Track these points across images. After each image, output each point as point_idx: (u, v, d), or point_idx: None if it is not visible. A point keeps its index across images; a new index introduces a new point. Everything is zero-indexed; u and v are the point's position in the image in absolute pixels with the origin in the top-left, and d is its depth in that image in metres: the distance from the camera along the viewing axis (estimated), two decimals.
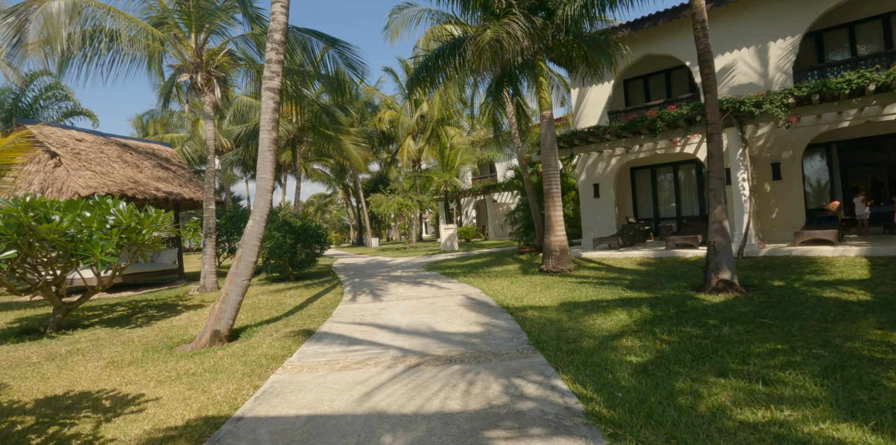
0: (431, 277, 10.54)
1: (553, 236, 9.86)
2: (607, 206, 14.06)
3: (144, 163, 11.78)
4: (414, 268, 13.01)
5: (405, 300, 7.54)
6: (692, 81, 14.11)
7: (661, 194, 15.02)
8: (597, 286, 7.65)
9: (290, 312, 7.18)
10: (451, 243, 19.39)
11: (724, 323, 4.86)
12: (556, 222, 9.89)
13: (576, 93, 14.90)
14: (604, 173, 14.14)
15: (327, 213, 54.08)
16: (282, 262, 11.16)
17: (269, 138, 5.98)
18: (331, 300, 8.13)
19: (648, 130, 10.85)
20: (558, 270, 9.61)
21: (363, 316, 6.39)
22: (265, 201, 5.89)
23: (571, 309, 5.99)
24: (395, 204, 21.26)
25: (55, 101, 17.98)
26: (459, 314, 6.12)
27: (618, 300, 6.39)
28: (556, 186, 9.95)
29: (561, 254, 9.74)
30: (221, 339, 5.35)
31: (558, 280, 8.66)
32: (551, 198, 9.91)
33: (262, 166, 5.94)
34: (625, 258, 10.92)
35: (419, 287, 8.95)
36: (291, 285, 10.69)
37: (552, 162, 9.95)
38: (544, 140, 9.99)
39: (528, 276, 9.54)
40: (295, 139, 16.45)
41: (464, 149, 25.86)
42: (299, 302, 8.11)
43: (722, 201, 6.73)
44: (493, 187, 26.61)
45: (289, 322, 6.32)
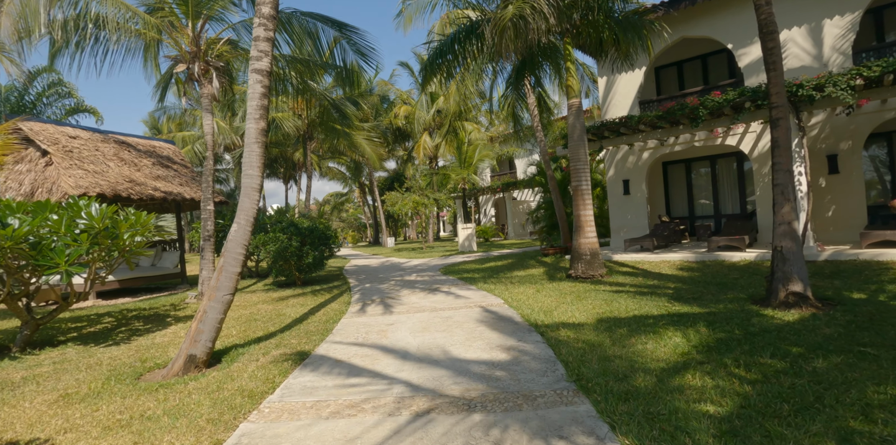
0: (448, 282, 9.64)
1: (582, 237, 8.86)
2: (638, 204, 12.97)
3: (143, 161, 11.13)
4: (429, 271, 12.13)
5: (418, 312, 6.65)
6: (732, 67, 12.91)
7: (696, 191, 13.85)
8: (636, 297, 6.65)
9: (287, 327, 6.35)
10: (469, 243, 18.47)
11: (812, 352, 3.85)
12: (586, 222, 8.89)
13: (603, 82, 13.81)
14: (634, 168, 13.04)
15: (344, 212, 53.63)
16: (287, 265, 10.38)
17: (257, 128, 5.13)
18: (335, 311, 7.29)
19: (689, 120, 9.75)
20: (589, 276, 8.62)
21: (367, 334, 5.52)
22: (251, 202, 5.04)
23: (612, 328, 5.02)
24: (410, 203, 20.40)
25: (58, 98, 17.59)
26: (479, 333, 5.20)
27: (666, 317, 5.40)
28: (586, 181, 8.95)
29: (591, 258, 8.74)
30: (198, 365, 4.53)
31: (590, 288, 7.68)
32: (580, 195, 8.91)
33: (249, 161, 5.10)
34: (662, 262, 9.86)
35: (434, 296, 8.06)
36: (297, 291, 9.90)
37: (581, 155, 8.94)
38: (572, 131, 8.99)
39: (554, 283, 8.57)
40: (305, 135, 15.72)
41: (482, 145, 24.86)
42: (301, 313, 7.28)
43: (791, 199, 5.67)
44: (512, 184, 25.57)
45: (282, 341, 5.48)
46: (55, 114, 18.08)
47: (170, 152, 12.50)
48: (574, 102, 9.02)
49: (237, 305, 8.38)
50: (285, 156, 30.72)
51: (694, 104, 9.38)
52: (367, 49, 9.61)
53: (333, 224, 51.13)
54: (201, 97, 9.53)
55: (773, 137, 5.81)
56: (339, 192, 48.85)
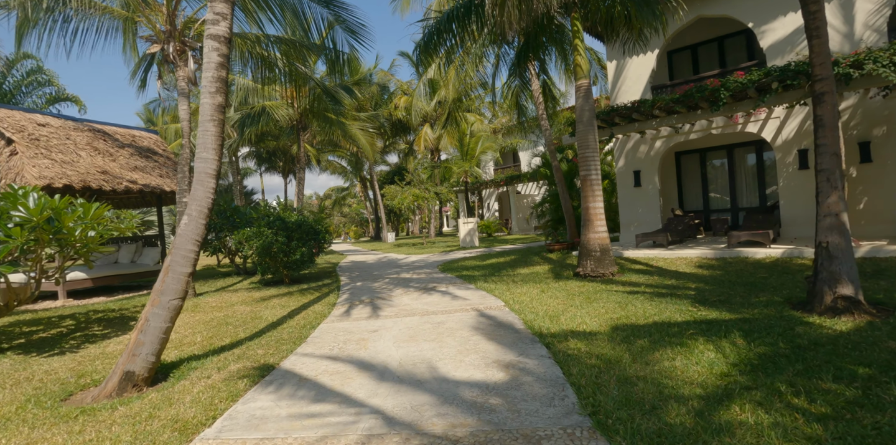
0: (445, 281, 8.89)
1: (592, 232, 8.08)
2: (650, 196, 12.15)
3: (120, 151, 10.41)
4: (427, 268, 11.38)
5: (407, 316, 5.90)
6: (752, 50, 12.03)
7: (712, 183, 13.01)
8: (654, 299, 5.88)
9: (259, 333, 5.63)
10: (470, 238, 17.70)
11: (885, 374, 3.08)
12: (596, 216, 8.11)
13: (612, 67, 12.96)
14: (646, 158, 12.21)
15: (347, 206, 52.88)
16: (273, 262, 9.65)
17: (213, 104, 4.38)
18: (317, 314, 6.55)
19: (708, 103, 8.92)
20: (599, 274, 7.84)
21: (345, 344, 4.78)
22: (206, 190, 4.29)
23: (631, 338, 4.26)
24: (409, 196, 19.64)
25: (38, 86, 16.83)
26: (474, 343, 4.45)
27: (692, 324, 4.63)
28: (596, 171, 8.15)
29: (602, 255, 7.96)
30: (137, 383, 3.81)
31: (601, 288, 6.91)
32: (589, 186, 8.12)
33: (203, 142, 4.34)
34: (677, 259, 9.06)
35: (428, 296, 7.31)
36: (283, 290, 9.18)
37: (590, 142, 8.14)
38: (581, 115, 8.18)
39: (561, 282, 7.80)
40: (298, 126, 14.97)
41: (484, 136, 24.03)
42: (279, 316, 6.56)
43: (839, 187, 4.87)
44: (516, 177, 24.73)
45: (247, 352, 4.75)
46: (35, 103, 17.39)
47: (151, 143, 11.77)
48: (583, 84, 8.21)
49: (213, 306, 7.67)
50: (283, 149, 30.00)
51: (715, 86, 8.55)
52: (357, 26, 8.81)
53: (335, 219, 50.46)
54: (177, 80, 8.77)
55: (818, 115, 5.00)
56: (340, 186, 48.12)
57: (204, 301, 8.14)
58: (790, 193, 10.21)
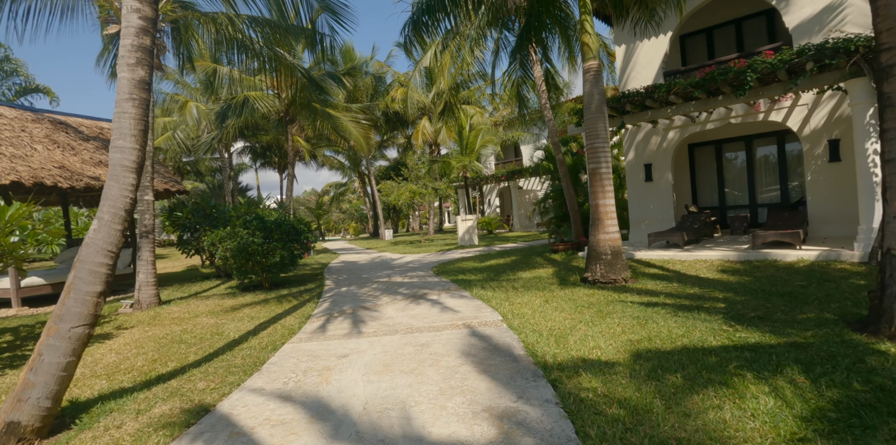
0: (438, 286, 8.02)
1: (601, 232, 7.18)
2: (663, 191, 11.22)
3: (84, 145, 9.53)
4: (421, 271, 10.51)
5: (388, 334, 5.03)
6: (773, 31, 11.08)
7: (728, 177, 12.07)
8: (678, 314, 4.99)
9: (211, 355, 4.76)
10: (469, 236, 16.81)
11: None
12: (606, 215, 7.20)
13: (621, 52, 12.00)
14: (658, 151, 11.27)
15: (347, 202, 52.00)
16: (250, 265, 8.79)
17: (132, 79, 3.50)
18: (286, 329, 5.69)
19: (732, 87, 7.98)
20: (610, 280, 6.95)
21: (306, 374, 3.90)
22: (122, 188, 3.41)
23: (659, 372, 3.38)
24: (406, 192, 18.75)
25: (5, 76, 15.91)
26: (461, 378, 3.57)
27: (732, 350, 3.75)
28: (606, 163, 7.24)
29: (613, 258, 7.06)
30: (25, 437, 2.95)
31: (614, 298, 6.02)
32: (599, 180, 7.22)
33: (120, 127, 3.47)
34: (696, 261, 8.16)
35: (416, 306, 6.44)
36: (259, 297, 8.33)
37: (600, 131, 7.22)
38: (589, 101, 7.26)
39: (567, 289, 6.91)
40: (286, 118, 14.06)
41: (485, 130, 23.07)
42: (243, 332, 5.69)
43: None
44: (518, 172, 23.78)
45: (185, 384, 3.89)
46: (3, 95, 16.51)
47: None
48: (591, 66, 7.28)
49: (174, 318, 6.81)
50: (278, 144, 29.09)
51: (740, 67, 7.60)
52: (338, 6, 7.88)
53: (334, 216, 49.61)
54: None
55: (884, 93, 4.07)
56: (338, 182, 47.24)
57: (167, 311, 7.28)
58: (819, 188, 9.29)
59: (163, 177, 10.06)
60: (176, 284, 10.86)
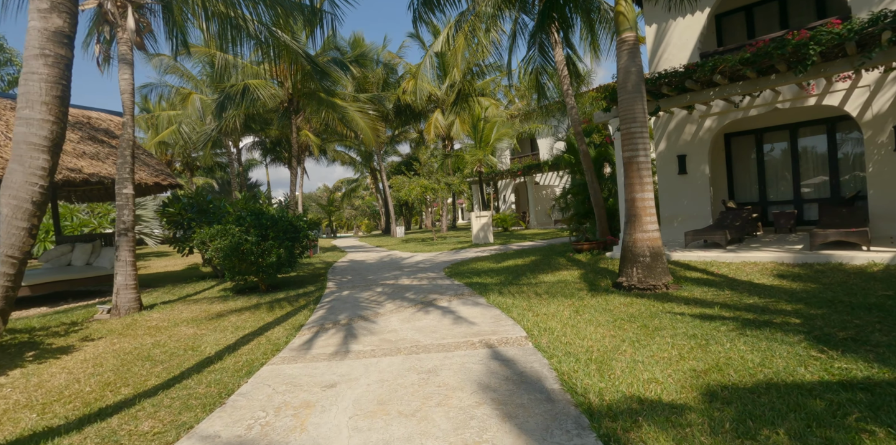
0: (450, 290, 7.14)
1: (639, 231, 6.22)
2: (699, 185, 10.17)
3: (68, 135, 8.81)
4: (432, 272, 9.64)
5: (387, 355, 4.15)
6: (823, 7, 9.93)
7: (770, 169, 10.98)
8: (745, 331, 4.04)
9: (173, 380, 3.94)
10: (484, 234, 15.89)
11: None
12: (645, 210, 6.24)
13: (652, 31, 10.95)
14: (694, 140, 10.22)
15: (359, 198, 51.33)
16: (244, 266, 7.99)
17: (43, 29, 2.66)
18: (271, 344, 4.85)
19: (789, 64, 6.93)
20: (648, 286, 6.00)
21: (278, 414, 3.04)
22: (28, 173, 2.58)
23: (749, 424, 2.46)
24: (417, 188, 17.87)
25: None
26: (479, 427, 2.67)
27: (837, 388, 2.82)
28: (645, 151, 6.27)
29: (653, 261, 6.10)
30: None
31: (658, 309, 5.08)
32: (636, 171, 6.25)
33: (27, 93, 2.64)
34: (744, 264, 7.16)
35: (425, 316, 5.56)
36: (252, 301, 7.52)
37: (638, 113, 6.25)
38: (625, 79, 6.29)
39: (599, 296, 5.97)
40: (290, 108, 13.25)
41: (500, 122, 22.07)
42: (221, 347, 4.87)
43: None
44: (535, 166, 22.73)
45: (123, 426, 3.05)
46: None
47: (112, 126, 10.20)
48: (628, 37, 6.30)
49: (151, 326, 6.02)
50: (288, 138, 28.42)
51: (801, 39, 6.55)
52: None
53: (345, 212, 49.01)
54: (117, 43, 7.09)
55: None
56: (350, 178, 46.57)
57: (145, 319, 6.50)
58: (882, 181, 8.19)
59: (153, 169, 9.32)
60: (170, 284, 10.13)
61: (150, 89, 22.56)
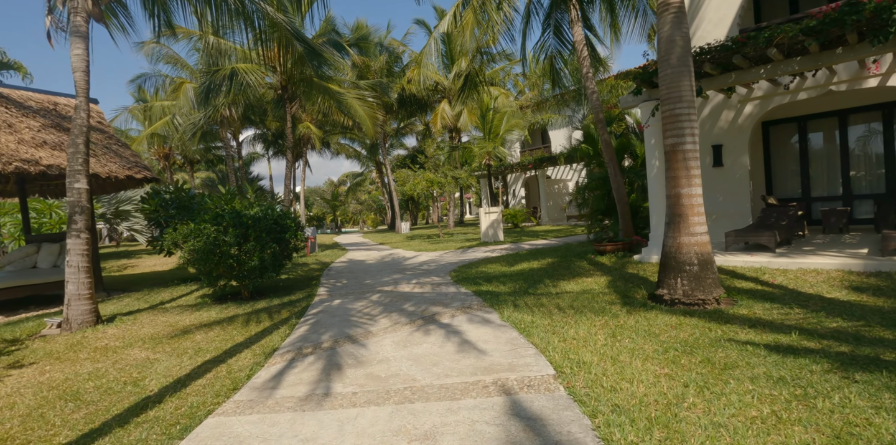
0: (456, 301, 6.12)
1: (685, 233, 5.15)
2: (737, 179, 9.05)
3: (27, 122, 7.85)
4: (436, 275, 8.63)
5: (372, 402, 3.15)
6: None
7: (815, 161, 9.83)
8: (850, 373, 3.01)
9: (85, 438, 2.96)
10: (493, 231, 14.83)
11: None
12: (692, 208, 5.17)
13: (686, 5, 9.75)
14: (731, 129, 9.09)
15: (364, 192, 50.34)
16: (222, 270, 7.03)
17: None
18: (230, 378, 3.87)
19: (862, 34, 5.79)
20: (696, 301, 4.94)
21: None
22: None
23: None
24: (422, 181, 16.83)
25: None
26: None
27: None
28: (692, 137, 5.19)
29: (702, 270, 5.04)
30: None
31: (717, 334, 4.03)
32: (682, 161, 5.17)
33: None
34: (803, 272, 6.07)
35: (424, 338, 4.55)
36: (229, 311, 6.56)
37: (684, 92, 5.16)
38: (668, 50, 5.20)
39: (637, 313, 4.93)
40: (284, 96, 12.23)
41: (510, 112, 20.92)
42: (170, 380, 3.90)
43: None
44: (547, 159, 21.57)
45: None
46: None
47: None
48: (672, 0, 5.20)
49: (98, 347, 5.06)
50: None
51: (881, 2, 5.41)
52: None
53: (350, 207, 48.06)
54: (70, 13, 6.09)
55: None
56: (355, 172, 45.58)
57: (97, 336, 5.55)
58: None
59: (126, 161, 8.36)
60: (148, 287, 9.21)
61: (143, 79, 21.63)
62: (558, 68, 12.46)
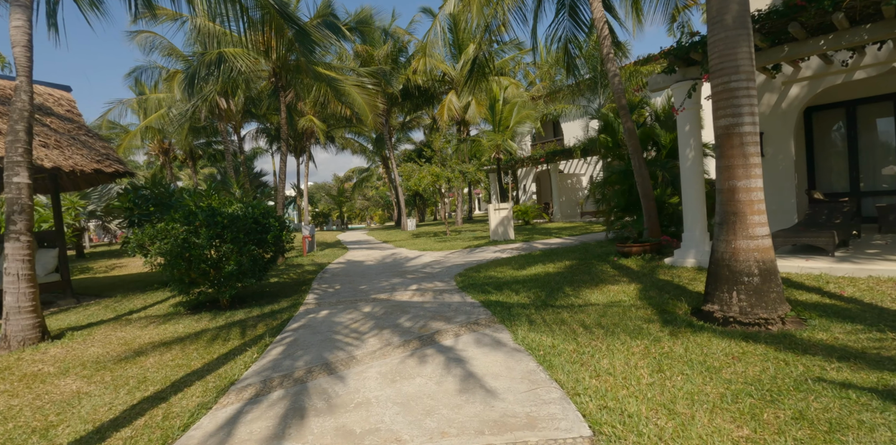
0: (461, 314, 5.21)
1: (742, 236, 4.18)
2: (780, 172, 8.01)
3: None
4: (439, 280, 7.72)
5: None
6: None
7: (866, 152, 8.75)
8: None
9: None
10: (503, 229, 13.87)
11: None
12: (751, 205, 4.19)
13: None
14: (774, 114, 8.04)
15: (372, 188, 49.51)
16: (195, 276, 6.17)
17: None
18: (160, 432, 2.97)
19: None
20: (758, 320, 3.98)
21: None
22: None
23: None
24: (428, 176, 15.89)
25: None
26: None
27: None
28: (752, 118, 4.20)
29: (763, 281, 4.07)
30: None
31: (800, 370, 3.08)
32: (739, 147, 4.19)
33: None
34: (875, 281, 5.06)
35: (417, 371, 3.64)
36: (200, 325, 5.69)
37: (742, 60, 4.17)
38: (722, 8, 4.20)
39: (683, 335, 3.97)
40: (278, 83, 11.33)
41: (521, 103, 19.88)
42: (87, 428, 3.03)
43: None
44: (559, 152, 20.51)
45: None
46: None
47: (52, 102, 8.43)
48: None
49: (29, 373, 4.20)
50: (293, 124, 26.62)
51: None
52: None
53: (357, 203, 47.25)
54: None
55: None
56: (361, 167, 44.72)
57: (35, 357, 4.69)
58: None
59: (95, 153, 7.51)
60: (123, 292, 8.40)
61: (139, 72, 20.84)
62: (573, 54, 11.47)
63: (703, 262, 6.70)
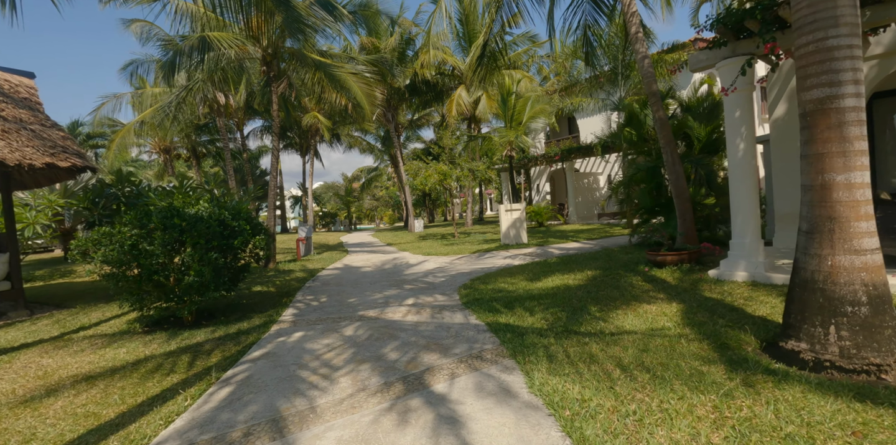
0: (461, 343, 4.16)
1: (842, 250, 3.07)
2: None
3: None
4: (440, 292, 6.68)
5: None
6: None
7: None
8: None
9: None
10: (516, 232, 12.76)
11: None
12: (853, 207, 3.08)
13: None
14: None
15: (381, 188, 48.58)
16: (149, 288, 5.20)
17: None
18: None
19: None
20: (868, 367, 2.87)
21: None
22: None
23: None
24: (434, 174, 14.86)
25: None
26: None
27: None
28: (856, 87, 3.09)
29: (873, 312, 2.96)
30: None
31: None
32: (836, 129, 3.09)
33: None
34: None
35: (397, 434, 2.59)
36: (149, 349, 4.71)
37: (843, 12, 3.07)
38: None
39: (763, 386, 2.87)
40: (270, 74, 10.34)
41: (535, 98, 18.73)
42: None
43: None
44: (576, 149, 19.31)
45: None
46: None
47: (8, 88, 7.54)
48: None
49: None
50: (297, 121, 25.77)
51: None
52: None
53: (365, 203, 46.37)
54: None
55: None
56: (370, 166, 43.81)
57: None
58: None
59: (50, 144, 6.58)
60: (84, 303, 7.48)
61: (136, 66, 20.08)
62: (593, 43, 10.35)
63: (758, 276, 5.58)
